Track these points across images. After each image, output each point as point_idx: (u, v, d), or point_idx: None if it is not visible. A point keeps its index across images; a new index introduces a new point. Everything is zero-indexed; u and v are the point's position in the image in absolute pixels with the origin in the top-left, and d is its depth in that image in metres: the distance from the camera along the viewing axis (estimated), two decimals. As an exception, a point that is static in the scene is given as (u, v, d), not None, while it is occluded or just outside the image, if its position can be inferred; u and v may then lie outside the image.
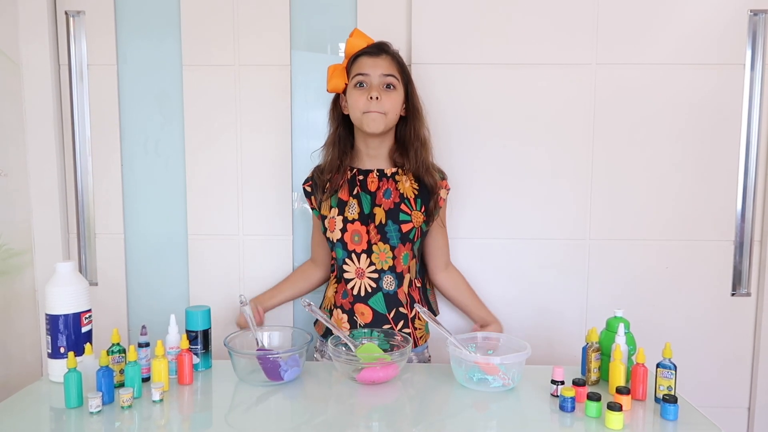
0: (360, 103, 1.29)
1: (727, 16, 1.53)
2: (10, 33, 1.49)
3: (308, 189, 1.42)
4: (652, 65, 1.54)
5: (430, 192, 1.35)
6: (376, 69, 1.30)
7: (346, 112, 1.36)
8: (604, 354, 1.18)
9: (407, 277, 1.35)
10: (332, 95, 1.42)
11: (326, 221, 1.36)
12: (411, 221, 1.33)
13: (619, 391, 1.02)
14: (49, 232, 1.57)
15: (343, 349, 1.20)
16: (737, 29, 1.53)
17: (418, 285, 1.40)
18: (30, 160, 1.55)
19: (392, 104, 1.30)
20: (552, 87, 1.56)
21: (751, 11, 1.52)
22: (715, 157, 1.57)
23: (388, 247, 1.32)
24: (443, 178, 1.40)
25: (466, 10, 1.54)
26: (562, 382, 1.08)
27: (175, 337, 1.19)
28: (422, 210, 1.34)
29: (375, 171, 1.36)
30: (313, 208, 1.43)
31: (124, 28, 1.58)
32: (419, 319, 1.37)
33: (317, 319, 1.42)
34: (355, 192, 1.35)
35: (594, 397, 1.01)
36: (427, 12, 1.54)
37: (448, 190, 1.41)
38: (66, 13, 1.56)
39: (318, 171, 1.41)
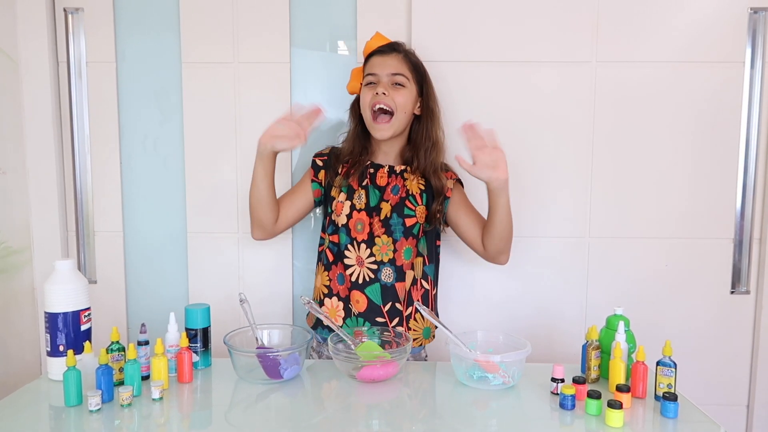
0: (367, 98, 1.30)
1: (728, 14, 1.53)
2: (9, 30, 1.49)
3: (319, 163, 1.40)
4: (652, 63, 1.54)
5: (435, 193, 1.35)
6: (384, 68, 1.30)
7: None
8: (604, 352, 1.18)
9: (409, 273, 1.35)
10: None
11: (333, 204, 1.36)
12: (415, 216, 1.34)
13: (620, 388, 1.02)
14: (48, 230, 1.57)
15: (343, 347, 1.20)
16: (737, 27, 1.53)
17: (427, 288, 1.38)
18: (29, 158, 1.55)
19: (402, 101, 1.30)
20: (552, 85, 1.55)
21: (751, 9, 1.52)
22: (714, 154, 1.57)
23: (390, 240, 1.33)
24: (447, 170, 1.40)
25: (466, 7, 1.54)
26: (563, 380, 1.08)
27: (174, 335, 1.19)
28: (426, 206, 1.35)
29: (386, 167, 1.37)
30: (313, 180, 1.39)
31: (123, 25, 1.57)
32: (416, 320, 1.36)
33: (308, 313, 1.43)
34: (364, 183, 1.36)
35: (594, 395, 1.01)
36: (427, 9, 1.54)
37: (455, 180, 1.40)
38: (64, 10, 1.55)
39: (335, 153, 1.41)
